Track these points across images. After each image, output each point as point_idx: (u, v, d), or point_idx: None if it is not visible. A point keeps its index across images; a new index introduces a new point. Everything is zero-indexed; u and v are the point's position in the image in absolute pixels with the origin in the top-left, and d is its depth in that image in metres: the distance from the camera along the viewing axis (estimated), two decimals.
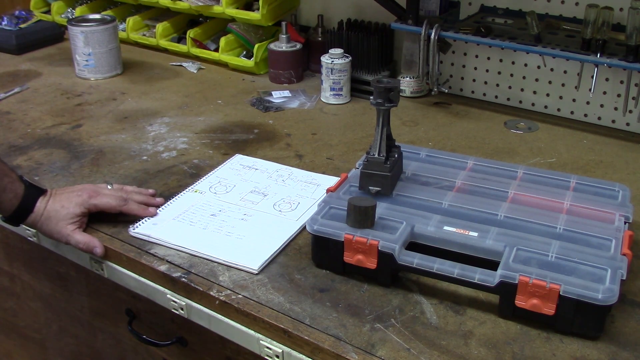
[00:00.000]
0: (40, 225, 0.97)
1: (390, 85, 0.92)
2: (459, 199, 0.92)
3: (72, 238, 0.96)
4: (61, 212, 0.96)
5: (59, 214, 0.96)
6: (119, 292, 1.03)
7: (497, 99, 1.46)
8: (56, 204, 0.97)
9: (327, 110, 1.42)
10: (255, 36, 1.64)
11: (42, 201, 0.96)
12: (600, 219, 0.88)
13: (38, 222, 0.96)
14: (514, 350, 0.75)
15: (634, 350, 0.75)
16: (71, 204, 0.97)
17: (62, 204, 0.97)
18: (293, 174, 1.13)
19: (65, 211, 0.96)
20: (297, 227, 0.97)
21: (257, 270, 0.88)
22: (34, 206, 0.96)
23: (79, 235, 0.96)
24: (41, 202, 0.96)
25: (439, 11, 1.37)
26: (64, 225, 0.96)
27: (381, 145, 0.93)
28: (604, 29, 1.16)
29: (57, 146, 1.24)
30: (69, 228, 0.96)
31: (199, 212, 1.01)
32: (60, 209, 0.96)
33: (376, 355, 0.74)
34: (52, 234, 0.97)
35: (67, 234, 0.96)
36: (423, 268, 0.81)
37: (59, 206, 0.96)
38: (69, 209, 0.96)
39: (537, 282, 0.75)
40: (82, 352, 1.25)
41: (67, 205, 0.97)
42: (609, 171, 1.16)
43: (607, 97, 1.31)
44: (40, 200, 0.96)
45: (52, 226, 0.96)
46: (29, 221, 0.97)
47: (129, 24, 1.78)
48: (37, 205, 0.96)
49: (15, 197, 0.95)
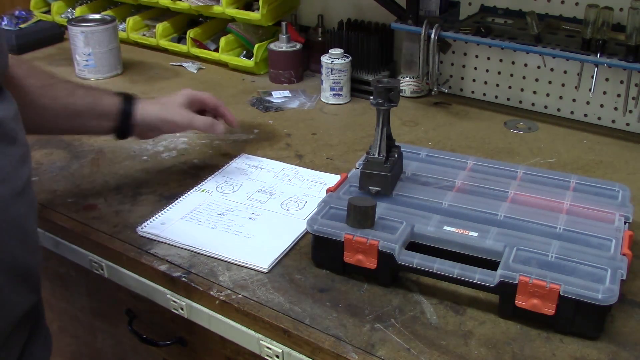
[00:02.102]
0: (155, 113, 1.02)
1: (390, 85, 0.92)
2: (459, 199, 0.92)
3: (195, 118, 1.04)
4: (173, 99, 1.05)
5: (174, 101, 1.04)
6: (119, 292, 1.03)
7: (497, 99, 1.46)
8: (161, 98, 1.06)
9: (327, 110, 1.42)
10: (255, 36, 1.64)
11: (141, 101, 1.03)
12: (600, 219, 0.88)
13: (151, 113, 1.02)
14: (514, 350, 0.75)
15: (634, 350, 0.75)
16: (180, 94, 1.06)
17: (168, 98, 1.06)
18: (299, 173, 1.13)
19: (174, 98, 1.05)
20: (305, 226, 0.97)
21: (267, 269, 0.88)
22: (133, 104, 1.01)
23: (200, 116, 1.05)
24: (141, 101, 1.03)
25: (439, 11, 1.37)
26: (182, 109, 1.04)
27: (381, 145, 0.93)
28: (604, 29, 1.16)
29: (57, 146, 1.24)
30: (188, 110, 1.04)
31: (206, 212, 1.01)
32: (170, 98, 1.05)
33: (376, 355, 0.74)
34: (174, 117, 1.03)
35: (190, 116, 1.04)
36: (423, 268, 0.81)
37: (164, 98, 1.05)
38: (177, 97, 1.05)
39: (537, 282, 0.75)
40: (82, 352, 1.25)
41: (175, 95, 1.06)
42: (609, 171, 1.16)
43: (607, 97, 1.31)
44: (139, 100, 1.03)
45: (171, 110, 1.03)
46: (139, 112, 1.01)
47: (129, 24, 1.78)
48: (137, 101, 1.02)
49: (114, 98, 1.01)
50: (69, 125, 1.00)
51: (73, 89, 0.98)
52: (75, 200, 1.06)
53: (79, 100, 0.98)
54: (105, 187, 1.10)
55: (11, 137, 0.71)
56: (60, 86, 0.98)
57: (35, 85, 0.95)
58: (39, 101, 0.95)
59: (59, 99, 0.96)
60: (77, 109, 0.98)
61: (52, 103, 0.96)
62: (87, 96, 0.99)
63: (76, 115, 0.98)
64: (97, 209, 1.04)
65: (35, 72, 0.97)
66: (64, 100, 0.97)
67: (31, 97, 0.94)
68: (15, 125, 0.72)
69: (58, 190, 1.09)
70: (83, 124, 1.00)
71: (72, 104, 0.97)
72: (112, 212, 1.03)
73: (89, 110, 0.98)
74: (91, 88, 1.01)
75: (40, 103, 0.95)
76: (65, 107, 0.97)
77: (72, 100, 0.97)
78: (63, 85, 0.98)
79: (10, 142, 0.71)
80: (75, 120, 0.99)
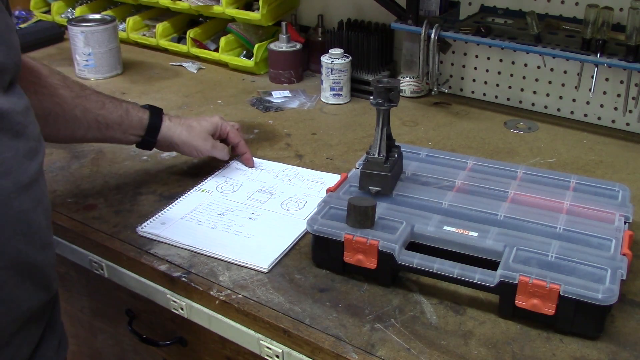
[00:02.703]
0: (179, 134, 1.05)
1: (390, 85, 0.92)
2: (459, 199, 0.92)
3: (216, 149, 1.09)
4: (201, 125, 1.08)
5: (200, 127, 1.07)
6: (119, 292, 1.03)
7: (497, 99, 1.46)
8: (188, 120, 1.08)
9: (327, 110, 1.42)
10: (255, 36, 1.64)
11: (168, 117, 1.06)
12: (600, 219, 0.88)
13: (175, 132, 1.05)
14: (513, 350, 0.75)
15: (633, 350, 0.75)
16: (208, 121, 1.09)
17: (197, 122, 1.08)
18: (299, 173, 1.13)
19: (202, 125, 1.08)
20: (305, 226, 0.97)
21: (267, 269, 0.88)
22: (161, 119, 1.05)
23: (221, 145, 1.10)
24: (168, 118, 1.06)
25: (439, 11, 1.37)
26: (207, 137, 1.08)
27: (381, 145, 0.93)
28: (604, 29, 1.16)
29: (57, 146, 1.24)
30: (211, 140, 1.08)
31: (206, 212, 1.01)
32: (198, 123, 1.08)
33: (376, 355, 0.74)
34: (196, 144, 1.07)
35: (211, 145, 1.08)
36: (423, 268, 0.81)
37: (193, 121, 1.08)
38: (206, 124, 1.08)
39: (537, 282, 0.75)
40: (82, 352, 1.25)
41: (200, 121, 1.08)
42: (609, 171, 1.16)
43: (607, 97, 1.31)
44: (166, 117, 1.06)
45: (195, 135, 1.06)
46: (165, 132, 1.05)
47: (129, 24, 1.78)
48: (164, 118, 1.05)
49: (142, 111, 1.04)
50: (97, 136, 1.02)
51: (103, 102, 1.01)
52: (75, 200, 1.06)
53: (109, 114, 1.01)
54: (105, 187, 1.10)
55: (16, 131, 0.71)
56: (92, 98, 1.00)
57: (69, 96, 0.97)
58: (71, 112, 0.98)
59: (91, 112, 0.99)
60: (107, 122, 1.01)
61: (84, 115, 0.99)
62: (116, 110, 1.02)
63: (106, 128, 1.01)
64: (97, 209, 1.04)
65: (67, 82, 0.99)
66: (95, 112, 1.00)
67: (64, 108, 0.97)
68: (23, 119, 0.72)
69: (58, 190, 1.09)
70: (111, 135, 1.03)
71: (103, 117, 1.00)
72: (112, 212, 1.03)
73: (118, 124, 1.02)
74: (120, 101, 1.04)
75: (72, 114, 0.98)
76: (96, 120, 1.00)
77: (102, 113, 1.00)
78: (94, 98, 1.01)
79: (16, 135, 0.70)
80: (104, 133, 1.02)
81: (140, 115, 1.04)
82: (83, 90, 1.00)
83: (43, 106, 0.95)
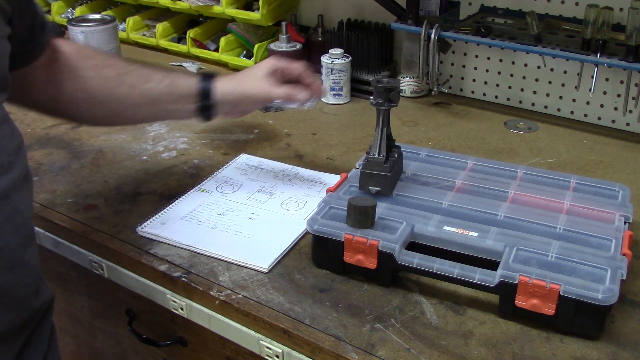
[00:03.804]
0: (233, 89, 0.96)
1: (390, 85, 0.92)
2: (459, 199, 0.92)
3: (273, 90, 0.96)
4: (253, 71, 0.98)
5: (254, 73, 0.97)
6: (119, 292, 1.03)
7: (497, 99, 1.46)
8: (243, 72, 0.99)
9: (327, 110, 1.42)
10: (255, 36, 1.64)
11: (219, 79, 0.97)
12: (600, 219, 0.88)
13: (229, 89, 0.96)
14: (514, 350, 0.75)
15: (634, 350, 0.75)
16: (261, 65, 0.98)
17: (250, 70, 0.99)
18: (299, 173, 1.13)
19: (255, 71, 0.98)
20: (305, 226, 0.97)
21: (267, 269, 0.88)
22: (212, 82, 0.96)
23: (279, 86, 0.96)
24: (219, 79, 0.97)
25: (439, 11, 1.37)
26: (261, 80, 0.96)
27: (381, 145, 0.93)
28: (604, 29, 1.16)
29: (57, 146, 1.24)
30: (268, 82, 0.96)
31: (206, 212, 1.01)
32: (251, 70, 0.98)
33: (376, 355, 0.74)
34: (250, 91, 0.96)
35: (268, 88, 0.96)
36: (423, 268, 0.81)
37: (246, 72, 0.99)
38: (259, 69, 0.98)
39: (537, 282, 0.75)
40: (82, 352, 1.25)
41: (257, 67, 0.99)
42: (609, 171, 1.16)
43: (607, 97, 1.31)
44: (217, 78, 0.97)
45: (249, 83, 0.96)
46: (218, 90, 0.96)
47: (129, 24, 1.78)
48: (215, 79, 0.96)
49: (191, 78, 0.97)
50: (149, 113, 0.98)
51: (150, 75, 0.95)
52: (75, 200, 1.06)
53: (156, 86, 0.94)
54: (105, 187, 1.10)
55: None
56: (137, 73, 0.95)
57: (112, 75, 0.93)
58: (115, 91, 0.93)
59: (136, 87, 0.94)
60: (155, 95, 0.95)
61: (130, 92, 0.94)
62: (164, 80, 0.95)
63: (155, 102, 0.95)
64: (97, 209, 1.04)
65: (111, 61, 0.95)
66: (141, 87, 0.94)
67: (108, 88, 0.93)
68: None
69: (58, 190, 1.09)
70: (163, 109, 0.96)
71: (150, 90, 0.94)
72: (112, 212, 1.03)
73: (167, 94, 0.95)
74: (169, 71, 0.98)
75: (117, 93, 0.93)
76: (143, 95, 0.94)
77: (149, 86, 0.94)
78: (139, 72, 0.95)
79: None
80: (154, 107, 0.96)
81: (188, 82, 0.96)
82: (128, 66, 0.95)
83: (87, 89, 0.92)
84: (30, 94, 0.91)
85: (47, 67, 0.90)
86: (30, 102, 0.93)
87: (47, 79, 0.90)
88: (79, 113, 0.96)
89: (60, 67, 0.91)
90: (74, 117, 0.98)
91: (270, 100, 1.00)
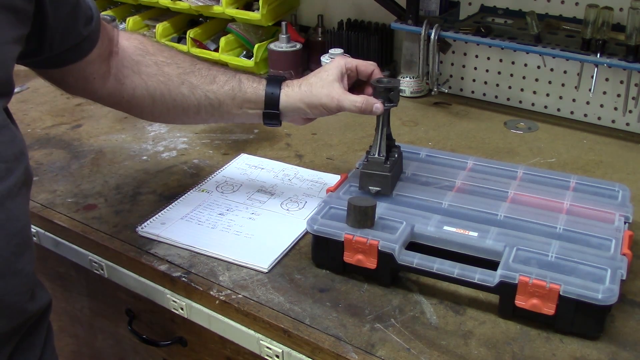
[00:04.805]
0: (301, 97, 0.91)
1: (390, 85, 0.92)
2: (459, 199, 0.92)
3: (345, 99, 0.89)
4: (323, 77, 0.90)
5: (322, 78, 0.90)
6: (119, 292, 1.03)
7: (497, 99, 1.46)
8: (312, 76, 0.92)
9: None
10: (255, 36, 1.63)
11: (287, 84, 0.92)
12: (600, 219, 0.88)
13: (296, 97, 0.91)
14: (513, 350, 0.75)
15: (634, 350, 0.75)
16: (331, 66, 0.91)
17: (319, 74, 0.91)
18: (299, 173, 1.13)
19: (325, 75, 0.90)
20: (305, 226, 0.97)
21: (267, 269, 0.88)
22: (279, 88, 0.91)
23: (352, 95, 0.89)
24: (287, 84, 0.92)
25: (439, 11, 1.37)
26: (333, 87, 0.89)
27: (381, 145, 0.93)
28: (604, 29, 1.16)
29: (57, 146, 1.24)
30: (339, 89, 0.89)
31: (206, 212, 1.01)
32: (320, 75, 0.91)
33: (376, 355, 0.74)
34: (321, 100, 0.89)
35: (338, 96, 0.89)
36: (423, 268, 0.81)
37: (312, 77, 0.91)
38: (328, 73, 0.90)
39: (537, 282, 0.75)
40: (82, 352, 1.25)
41: (327, 68, 0.91)
42: (609, 171, 1.16)
43: (607, 97, 1.31)
44: (285, 84, 0.92)
45: (318, 91, 0.89)
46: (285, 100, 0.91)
47: (129, 24, 1.78)
48: (283, 85, 0.91)
49: (257, 81, 0.93)
50: (211, 115, 0.95)
51: (214, 76, 0.93)
52: (75, 200, 1.06)
53: (219, 88, 0.92)
54: (105, 187, 1.10)
55: None
56: (202, 73, 0.93)
57: (175, 74, 0.92)
58: (177, 90, 0.92)
59: (199, 88, 0.92)
60: (218, 97, 0.92)
61: (192, 92, 0.92)
62: (228, 82, 0.92)
63: (218, 105, 0.93)
64: (97, 209, 1.04)
65: (176, 59, 0.93)
66: (204, 88, 0.92)
67: (170, 86, 0.92)
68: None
69: (58, 190, 1.09)
70: (226, 112, 0.94)
71: (213, 92, 0.92)
72: (112, 212, 1.03)
73: (231, 98, 0.92)
74: (234, 72, 0.95)
75: (179, 92, 0.92)
76: (206, 96, 0.92)
77: (212, 88, 0.92)
78: (204, 72, 0.93)
79: None
80: (217, 110, 0.94)
81: (255, 85, 0.92)
82: (192, 66, 0.93)
83: (148, 87, 0.91)
84: (90, 87, 0.90)
85: (104, 61, 0.89)
86: (92, 95, 0.93)
87: (105, 73, 0.90)
88: (140, 109, 0.95)
89: (120, 62, 0.91)
90: (136, 112, 0.96)
91: (341, 110, 0.91)
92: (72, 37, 0.82)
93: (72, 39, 0.82)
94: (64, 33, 0.80)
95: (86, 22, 0.83)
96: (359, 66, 0.93)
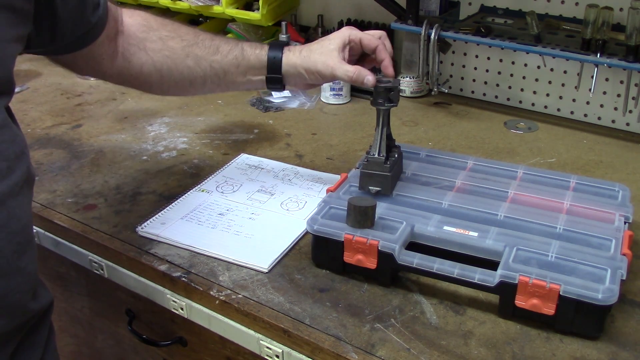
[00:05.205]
0: (302, 61, 0.92)
1: (390, 85, 0.92)
2: (459, 199, 0.92)
3: (339, 68, 0.90)
4: (325, 44, 0.92)
5: (323, 46, 0.92)
6: (119, 292, 1.03)
7: (497, 99, 1.46)
8: (314, 43, 0.94)
9: (327, 110, 1.42)
10: (255, 36, 1.63)
11: (289, 49, 0.94)
12: (600, 219, 0.88)
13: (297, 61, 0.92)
14: (513, 350, 0.75)
15: (634, 350, 0.75)
16: (335, 35, 0.93)
17: (322, 42, 0.93)
18: (299, 173, 1.13)
19: (327, 43, 0.92)
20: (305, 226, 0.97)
21: (267, 269, 0.88)
22: (281, 52, 0.93)
23: (347, 65, 0.91)
24: (289, 49, 0.94)
25: (439, 11, 1.37)
26: (330, 56, 0.91)
27: (381, 145, 0.93)
28: (604, 29, 1.16)
29: (57, 146, 1.24)
30: (336, 58, 0.90)
31: (206, 212, 1.01)
32: (323, 42, 0.93)
33: (376, 355, 0.74)
34: (317, 66, 0.91)
35: (333, 64, 0.90)
36: (423, 268, 0.81)
37: (314, 43, 0.94)
38: (331, 41, 0.92)
39: (537, 282, 0.74)
40: (82, 352, 1.25)
41: (330, 37, 0.93)
42: (609, 171, 1.16)
43: (607, 97, 1.31)
44: (287, 49, 0.94)
45: (315, 58, 0.91)
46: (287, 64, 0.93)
47: None
48: (285, 50, 0.93)
49: (259, 48, 0.94)
50: (217, 84, 0.97)
51: (217, 46, 0.95)
52: (75, 200, 1.06)
53: (223, 58, 0.94)
54: (105, 187, 1.10)
55: None
56: (205, 44, 0.95)
57: (179, 47, 0.94)
58: (183, 63, 0.94)
59: (204, 59, 0.94)
60: (223, 66, 0.94)
61: (197, 64, 0.94)
62: (231, 51, 0.94)
63: (223, 74, 0.95)
64: (97, 209, 1.04)
65: (179, 32, 0.95)
66: (209, 59, 0.94)
67: (175, 60, 0.93)
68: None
69: (58, 190, 1.09)
70: (232, 80, 0.96)
71: (217, 62, 0.94)
72: (112, 212, 1.03)
73: (235, 66, 0.95)
74: (237, 41, 0.97)
75: (184, 65, 0.94)
76: (211, 67, 0.94)
77: (216, 58, 0.94)
78: (207, 43, 0.95)
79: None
80: (223, 79, 0.96)
81: (257, 52, 0.94)
82: (196, 38, 0.94)
83: (155, 62, 0.93)
84: (99, 68, 0.93)
85: (111, 41, 0.91)
86: (102, 75, 0.95)
87: (113, 52, 0.92)
88: (149, 84, 0.97)
89: (126, 40, 0.93)
90: (145, 88, 0.99)
91: (335, 79, 0.94)
92: (81, 26, 0.84)
93: (82, 27, 0.85)
94: (74, 23, 0.82)
95: (94, 9, 0.85)
96: (363, 39, 0.94)
